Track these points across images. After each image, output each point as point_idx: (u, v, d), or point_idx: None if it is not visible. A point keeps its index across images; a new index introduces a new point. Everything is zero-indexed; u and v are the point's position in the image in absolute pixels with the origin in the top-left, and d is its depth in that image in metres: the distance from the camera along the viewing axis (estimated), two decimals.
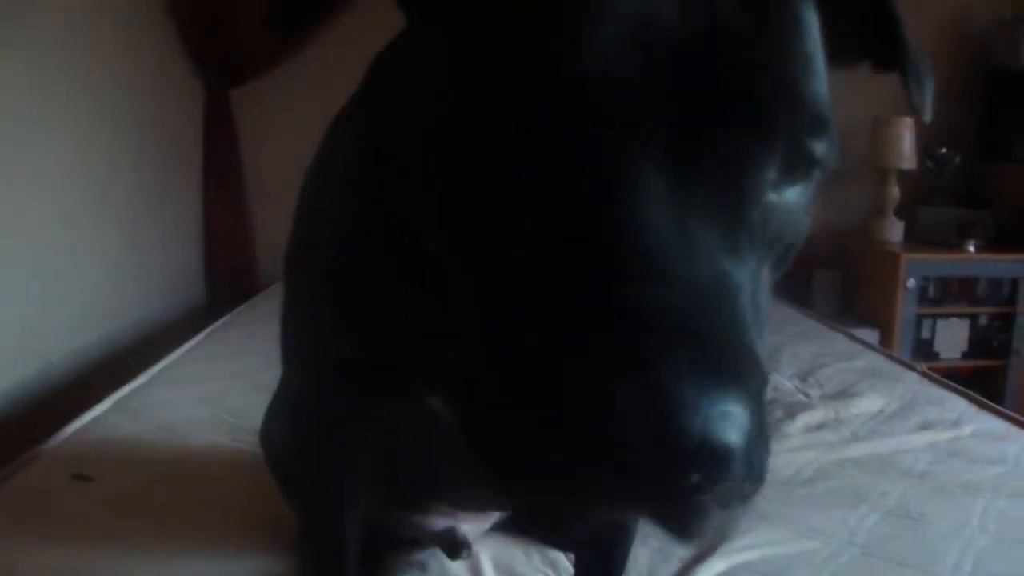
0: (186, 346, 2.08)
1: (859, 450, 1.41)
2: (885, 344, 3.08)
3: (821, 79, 0.46)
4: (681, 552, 1.04)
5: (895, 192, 3.28)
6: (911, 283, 3.04)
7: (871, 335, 3.09)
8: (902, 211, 3.29)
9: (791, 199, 0.46)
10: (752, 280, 0.43)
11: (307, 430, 0.79)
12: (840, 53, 0.50)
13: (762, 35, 0.42)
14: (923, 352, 3.14)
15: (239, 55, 3.12)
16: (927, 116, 0.57)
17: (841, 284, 3.34)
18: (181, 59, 3.05)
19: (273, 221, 3.31)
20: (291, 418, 0.85)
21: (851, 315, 3.25)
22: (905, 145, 3.19)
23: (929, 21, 3.31)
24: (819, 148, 0.44)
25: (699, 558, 1.03)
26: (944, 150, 3.27)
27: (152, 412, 1.60)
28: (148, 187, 2.73)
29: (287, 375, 0.83)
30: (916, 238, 3.26)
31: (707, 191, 0.41)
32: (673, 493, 0.37)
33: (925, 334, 3.15)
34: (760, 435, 0.38)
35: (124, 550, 1.08)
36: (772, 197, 0.44)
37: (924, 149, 3.27)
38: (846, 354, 2.04)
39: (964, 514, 1.16)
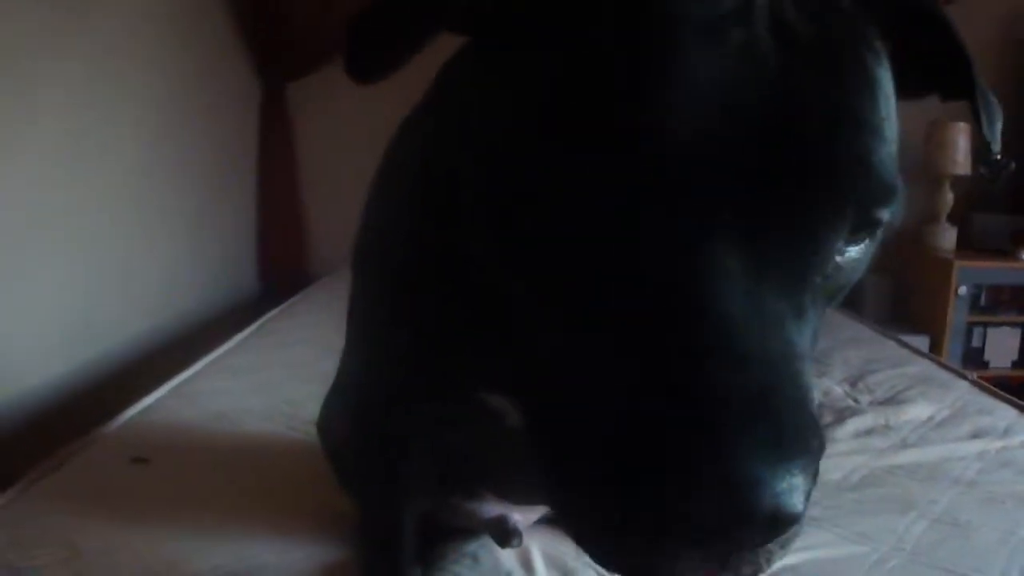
0: (240, 336, 2.12)
1: (908, 457, 1.40)
2: (935, 352, 3.04)
3: (892, 143, 0.46)
4: None
5: (949, 198, 3.23)
6: (963, 290, 3.00)
7: (921, 342, 3.06)
8: (955, 218, 3.25)
9: (854, 256, 0.47)
10: (812, 333, 0.45)
11: (366, 422, 0.81)
12: (910, 86, 0.51)
13: (836, 103, 0.42)
14: (973, 360, 3.10)
15: (296, 50, 3.17)
16: (996, 147, 0.58)
17: (892, 290, 3.30)
18: (239, 56, 3.11)
19: (326, 214, 3.38)
20: (350, 409, 0.87)
21: (901, 322, 3.21)
22: (960, 151, 3.15)
23: (983, 24, 3.26)
24: (887, 213, 0.45)
25: None
26: (999, 156, 3.22)
27: (207, 399, 1.64)
28: (205, 181, 2.79)
29: (348, 366, 0.85)
30: (969, 245, 3.21)
31: (779, 262, 0.42)
32: (741, 560, 0.40)
33: (975, 342, 3.10)
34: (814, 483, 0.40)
35: (183, 533, 1.11)
36: (837, 259, 0.45)
37: (978, 155, 3.22)
38: (896, 360, 2.02)
39: (1012, 523, 1.15)
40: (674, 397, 0.38)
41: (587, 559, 1.04)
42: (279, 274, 3.26)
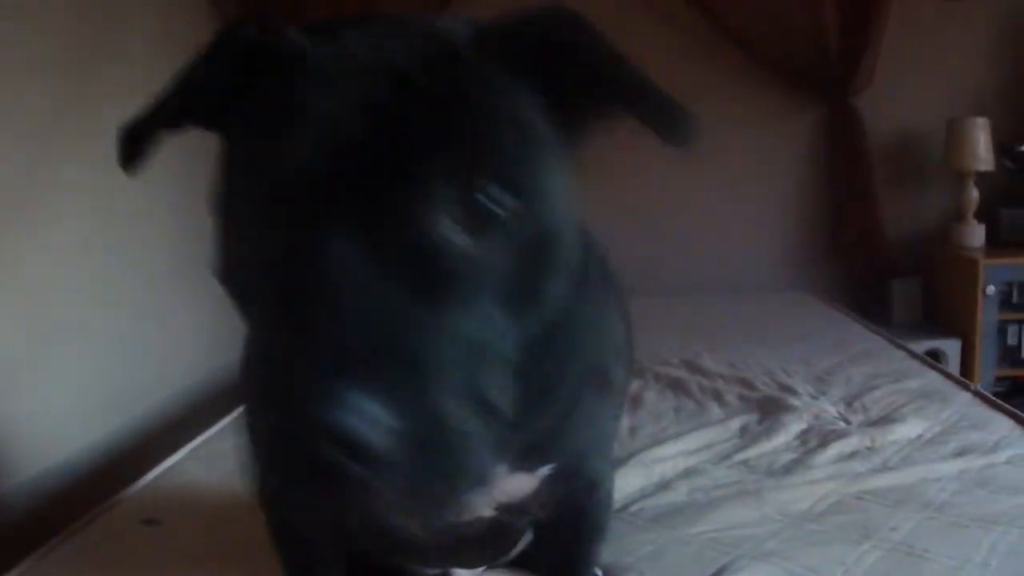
0: None
1: (884, 481, 1.42)
2: (968, 353, 3.02)
3: (512, 157, 0.57)
4: None
5: (974, 195, 3.19)
6: (991, 289, 2.96)
7: (953, 344, 3.04)
8: (983, 215, 3.21)
9: (488, 248, 0.56)
10: (481, 318, 0.56)
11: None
12: (587, 110, 0.63)
13: (434, 130, 0.55)
14: (1009, 359, 3.05)
15: None
16: (681, 147, 0.63)
17: (921, 292, 3.27)
18: None
19: None
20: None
21: (932, 325, 3.19)
22: (981, 146, 3.11)
23: (996, 11, 3.25)
24: (495, 202, 0.56)
25: None
26: (1023, 148, 3.18)
27: (224, 460, 1.74)
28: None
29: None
30: (998, 241, 3.17)
31: (388, 243, 0.54)
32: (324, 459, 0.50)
33: (1011, 340, 3.05)
34: (433, 436, 0.51)
35: None
36: (459, 242, 0.55)
37: (1002, 148, 3.18)
38: (901, 374, 2.03)
39: (971, 549, 1.17)
40: (300, 350, 0.52)
41: None
42: None
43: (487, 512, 0.85)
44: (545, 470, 0.81)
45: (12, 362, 1.79)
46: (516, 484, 0.81)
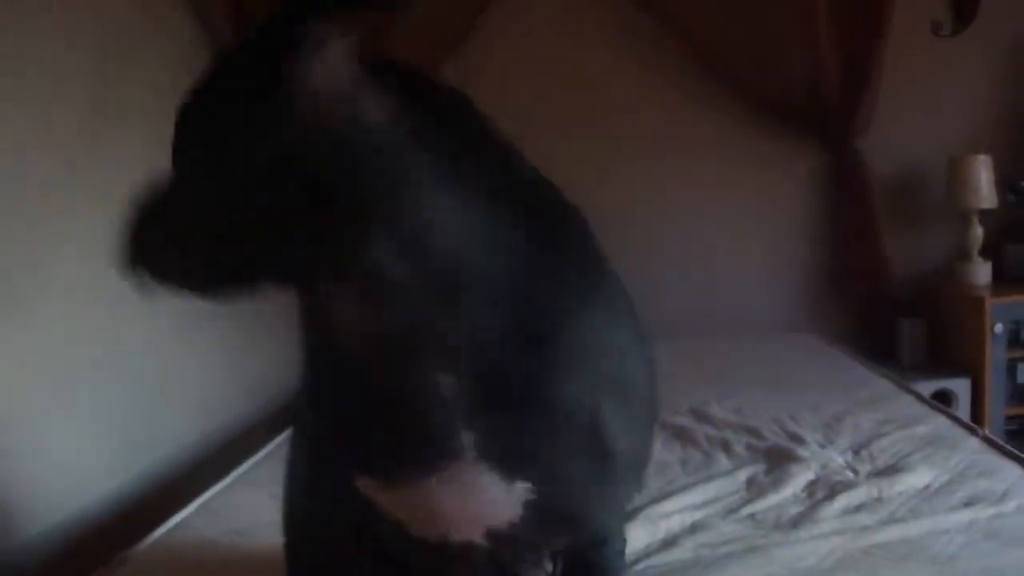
0: (268, 447, 2.22)
1: (891, 534, 1.41)
2: (978, 392, 3.00)
3: None
4: None
5: (978, 232, 3.19)
6: (998, 328, 2.95)
7: (963, 384, 3.02)
8: (988, 251, 3.20)
9: None
10: None
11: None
12: None
13: None
14: (1019, 397, 3.04)
15: None
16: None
17: (927, 332, 3.26)
18: None
19: None
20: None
21: (939, 365, 3.17)
22: (983, 183, 3.11)
23: (993, 48, 3.29)
24: None
25: None
26: None
27: (230, 515, 1.74)
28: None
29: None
30: (1004, 278, 3.16)
31: None
32: None
33: (1021, 379, 3.04)
34: None
35: None
36: None
37: (1005, 183, 3.18)
38: (910, 419, 2.01)
39: None
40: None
41: None
42: None
43: (477, 538, 0.87)
44: (523, 488, 0.83)
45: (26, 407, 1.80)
46: (493, 494, 0.82)
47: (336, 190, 0.71)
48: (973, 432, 1.91)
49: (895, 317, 3.27)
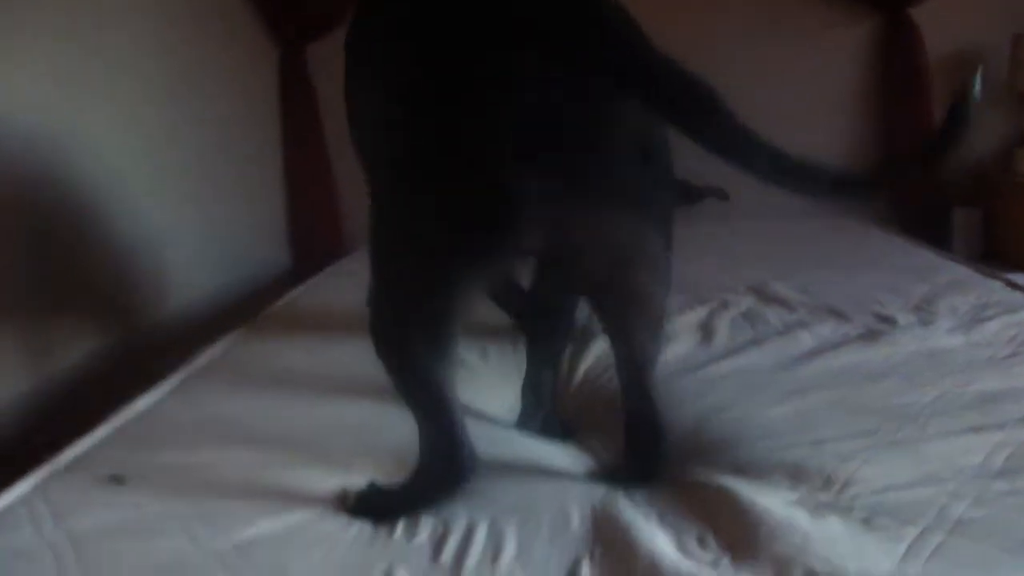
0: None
1: None
2: None
3: None
4: None
5: None
6: None
7: (1020, 280, 2.75)
8: None
9: None
10: None
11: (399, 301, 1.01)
12: None
13: None
14: None
15: (311, 8, 2.98)
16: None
17: (982, 223, 2.99)
18: (251, 18, 2.94)
19: (359, 181, 3.16)
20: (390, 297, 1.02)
21: (993, 258, 2.90)
22: None
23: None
24: None
25: None
26: None
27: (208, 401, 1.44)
28: (227, 150, 2.66)
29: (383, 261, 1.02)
30: None
31: None
32: None
33: None
34: None
35: None
36: None
37: None
38: (1012, 305, 1.72)
39: None
40: None
41: None
42: (311, 245, 3.09)
43: None
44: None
45: None
46: None
47: None
48: None
49: (948, 206, 3.00)
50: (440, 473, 1.03)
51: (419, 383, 1.02)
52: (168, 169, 2.26)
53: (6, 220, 1.71)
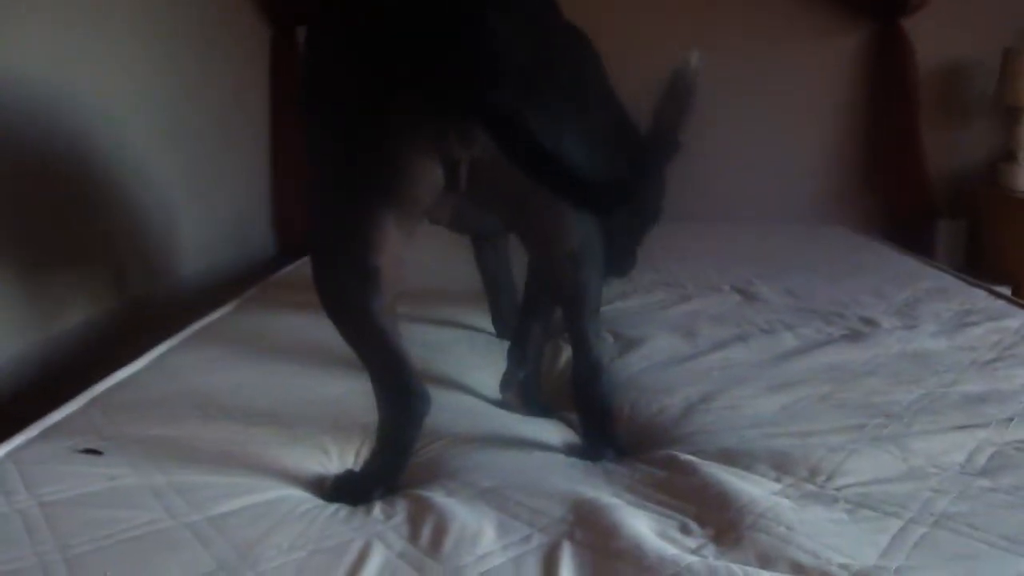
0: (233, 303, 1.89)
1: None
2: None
3: None
4: None
5: None
6: None
7: (1003, 292, 2.76)
8: None
9: None
10: None
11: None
12: None
13: None
14: None
15: None
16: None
17: (967, 235, 3.01)
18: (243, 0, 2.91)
19: None
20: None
21: (977, 270, 2.91)
22: None
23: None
24: None
25: None
26: None
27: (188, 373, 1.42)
28: (214, 131, 2.62)
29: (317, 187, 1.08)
30: None
31: None
32: None
33: None
34: None
35: None
36: None
37: None
38: (994, 312, 1.73)
39: None
40: None
41: None
42: (297, 232, 3.06)
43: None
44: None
45: None
46: None
47: None
48: None
49: (930, 217, 3.00)
50: (398, 415, 1.05)
51: (363, 328, 1.05)
52: (154, 150, 2.22)
53: None
